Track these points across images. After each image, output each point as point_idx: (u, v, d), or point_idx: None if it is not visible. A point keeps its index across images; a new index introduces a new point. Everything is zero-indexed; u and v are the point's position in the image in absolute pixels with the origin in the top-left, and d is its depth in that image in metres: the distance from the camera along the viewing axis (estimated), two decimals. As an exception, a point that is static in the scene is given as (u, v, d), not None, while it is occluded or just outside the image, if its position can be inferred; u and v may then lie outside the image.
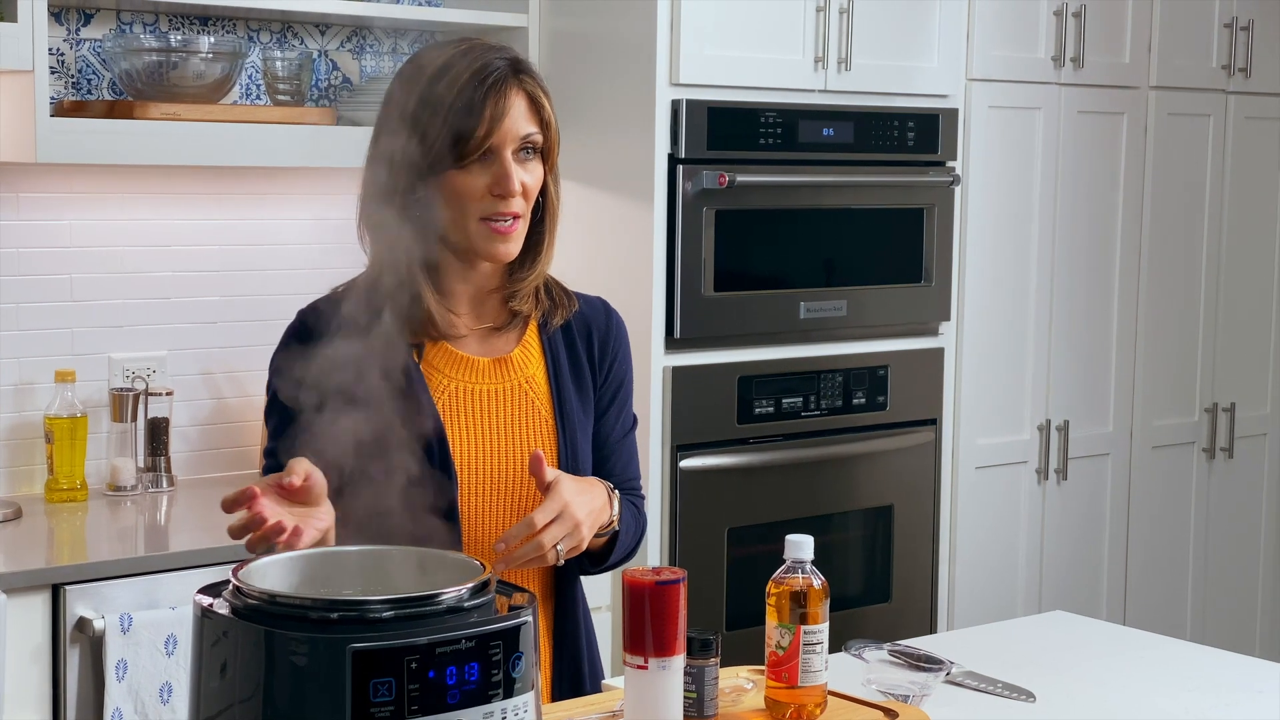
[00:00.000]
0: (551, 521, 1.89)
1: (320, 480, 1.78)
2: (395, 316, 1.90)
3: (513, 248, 2.00)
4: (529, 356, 2.07)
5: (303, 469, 1.76)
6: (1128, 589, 4.37)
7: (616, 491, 2.04)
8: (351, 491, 1.81)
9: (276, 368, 2.00)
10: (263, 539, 1.72)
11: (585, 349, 2.11)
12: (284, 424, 1.92)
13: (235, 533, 1.74)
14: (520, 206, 1.98)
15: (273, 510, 1.72)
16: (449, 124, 1.93)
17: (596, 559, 2.07)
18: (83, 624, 2.76)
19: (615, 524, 2.02)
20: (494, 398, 2.03)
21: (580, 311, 2.13)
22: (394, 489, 1.81)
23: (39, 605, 2.74)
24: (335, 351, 1.83)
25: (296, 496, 1.75)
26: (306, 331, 1.97)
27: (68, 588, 2.76)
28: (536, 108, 1.99)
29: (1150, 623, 4.26)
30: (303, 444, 1.81)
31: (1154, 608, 4.39)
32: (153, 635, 2.79)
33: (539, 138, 1.99)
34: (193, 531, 3.17)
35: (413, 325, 1.98)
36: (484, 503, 1.99)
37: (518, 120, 1.97)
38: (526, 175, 1.98)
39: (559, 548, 1.90)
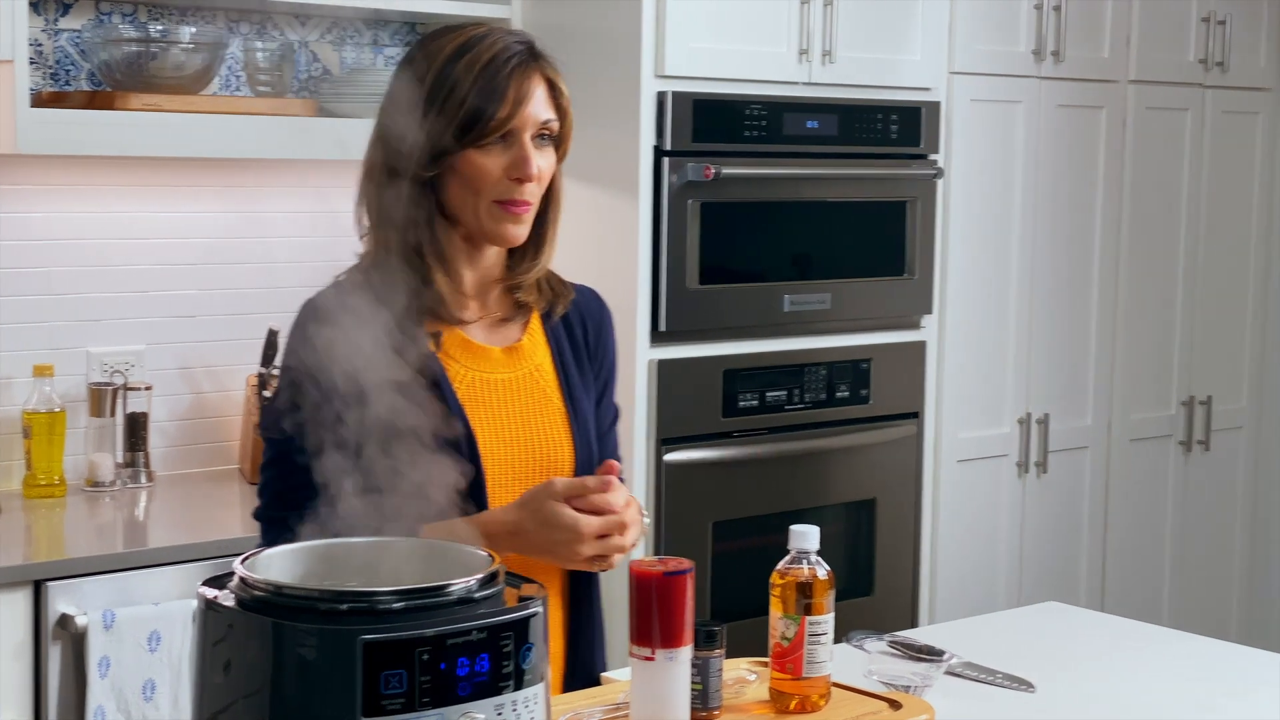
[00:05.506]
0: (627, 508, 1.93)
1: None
2: (408, 301, 1.87)
3: (523, 230, 1.98)
4: (535, 345, 2.06)
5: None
6: (1106, 580, 4.38)
7: (648, 517, 2.04)
8: (382, 482, 1.77)
9: (290, 361, 1.93)
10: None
11: (583, 338, 2.11)
12: (305, 419, 1.83)
13: (593, 540, 1.88)
14: (534, 193, 1.97)
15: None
16: (470, 103, 1.90)
17: None
18: (65, 621, 2.72)
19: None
20: (509, 387, 2.01)
21: (575, 301, 2.11)
22: (427, 480, 1.77)
23: (20, 602, 2.71)
24: (354, 341, 1.79)
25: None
26: (326, 319, 1.88)
27: (49, 584, 2.72)
28: (555, 94, 1.99)
29: (1128, 613, 4.26)
30: (329, 439, 1.76)
31: (1132, 598, 4.41)
32: (135, 632, 2.76)
33: (556, 124, 1.99)
34: (172, 527, 3.14)
35: (425, 310, 1.95)
36: (507, 493, 1.97)
37: (539, 105, 1.96)
38: (542, 161, 1.97)
39: (613, 559, 1.94)
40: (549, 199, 2.03)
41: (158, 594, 2.82)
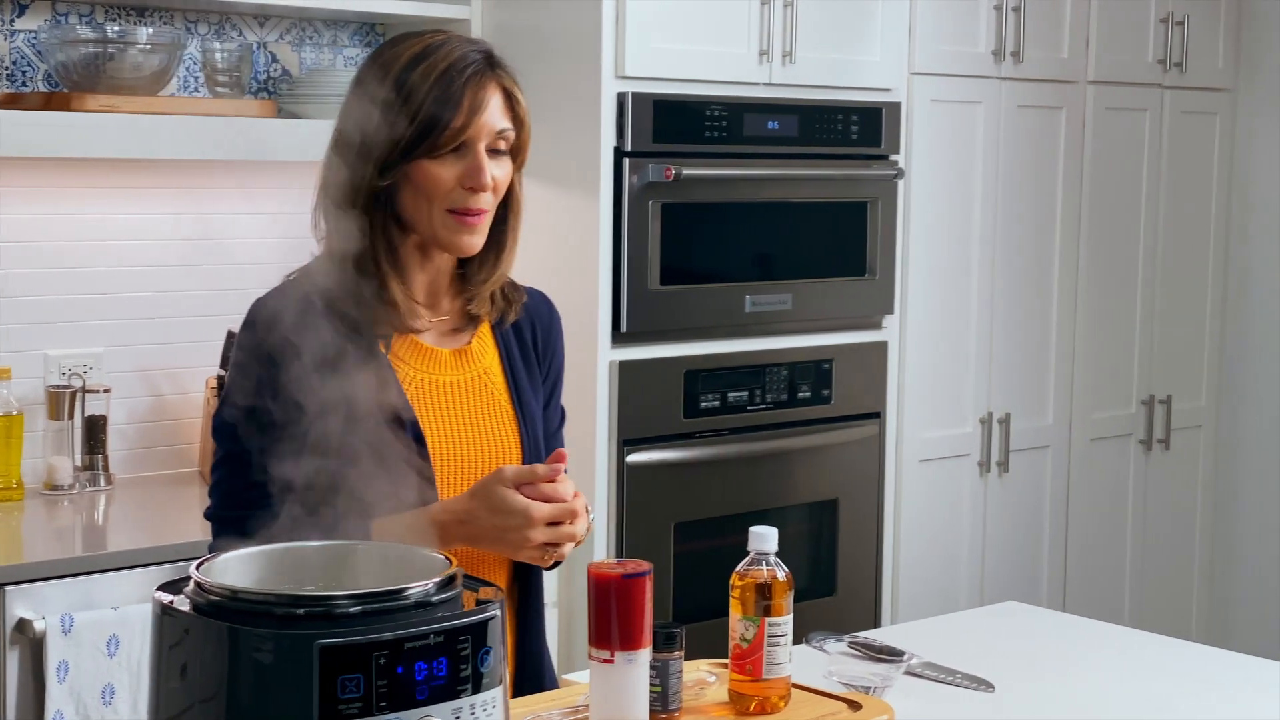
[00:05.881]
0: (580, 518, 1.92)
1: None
2: (360, 306, 1.87)
3: (477, 240, 1.97)
4: (485, 348, 2.06)
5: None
6: (1067, 579, 4.40)
7: (592, 514, 2.02)
8: (334, 486, 1.77)
9: (241, 360, 1.93)
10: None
11: (532, 340, 2.10)
12: (257, 418, 1.86)
13: (544, 527, 1.86)
14: (489, 202, 1.96)
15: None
16: (424, 112, 1.90)
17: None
18: (23, 625, 2.70)
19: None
20: (458, 389, 2.01)
21: (525, 304, 2.11)
22: (378, 482, 1.78)
23: (-23, 606, 2.69)
24: (306, 341, 1.79)
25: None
26: (273, 320, 1.90)
27: (7, 588, 2.70)
28: (512, 103, 1.98)
29: (1089, 611, 4.29)
30: (282, 438, 1.78)
31: (1093, 597, 4.43)
32: (94, 636, 2.74)
33: (512, 134, 1.98)
34: (132, 531, 3.12)
35: (377, 315, 1.95)
36: (456, 493, 1.97)
37: (494, 114, 1.95)
38: (498, 170, 1.96)
39: (563, 548, 1.92)
40: (508, 208, 2.02)
41: (117, 598, 2.80)
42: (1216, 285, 4.72)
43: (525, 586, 2.05)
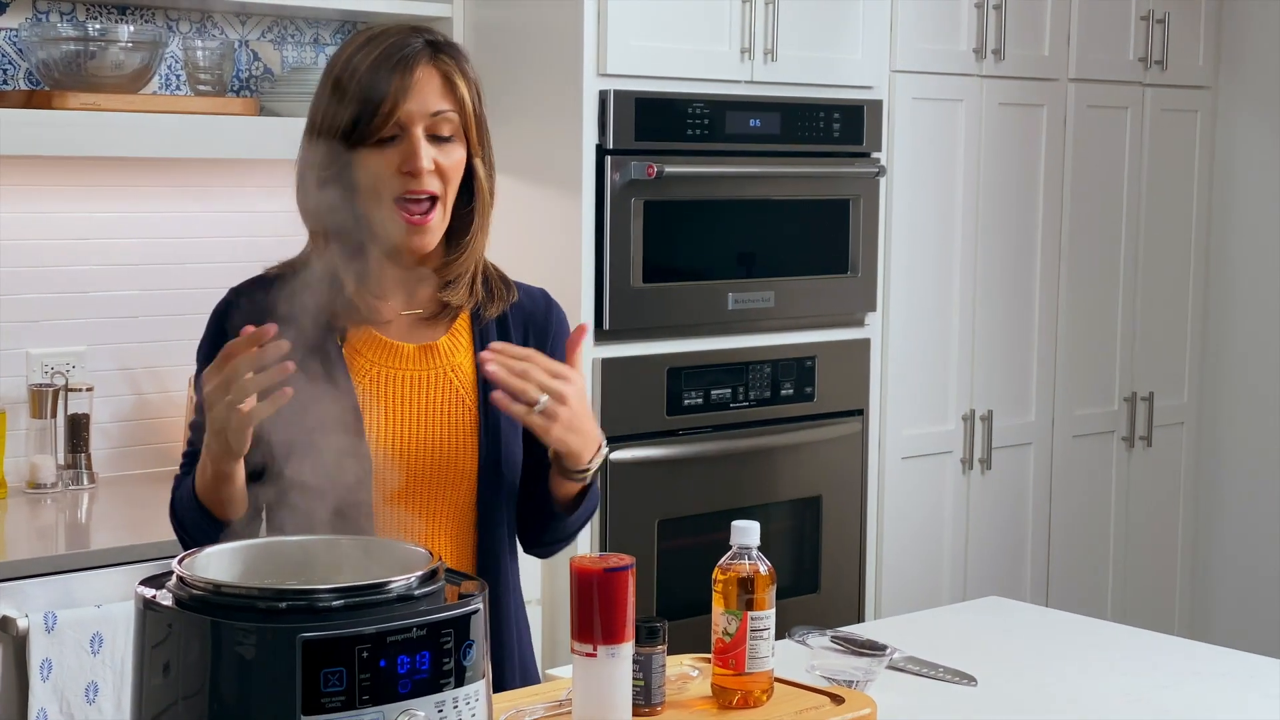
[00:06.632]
0: (554, 376, 1.88)
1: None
2: (320, 299, 1.89)
3: (428, 240, 1.97)
4: (457, 344, 2.05)
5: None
6: (1050, 575, 4.42)
7: (605, 447, 2.00)
8: (273, 471, 1.81)
9: (203, 344, 2.02)
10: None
11: (521, 341, 2.08)
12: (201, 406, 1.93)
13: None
14: (435, 186, 1.95)
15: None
16: (357, 100, 1.92)
17: (569, 506, 2.03)
18: (6, 623, 2.70)
19: (592, 470, 1.97)
20: (416, 383, 2.01)
21: (519, 303, 2.10)
22: (311, 468, 1.80)
23: (-40, 605, 2.68)
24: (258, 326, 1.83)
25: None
26: (233, 310, 1.98)
27: (-11, 587, 2.70)
28: (450, 86, 1.96)
29: (1072, 607, 4.29)
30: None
31: (1076, 593, 4.44)
32: (77, 634, 2.74)
33: (453, 116, 1.96)
34: (115, 529, 3.12)
35: (337, 310, 1.96)
36: (401, 490, 1.97)
37: (427, 97, 1.94)
38: (442, 156, 1.95)
39: (544, 399, 1.86)
40: (474, 196, 2.01)
41: (100, 596, 2.80)
42: (1198, 282, 4.73)
43: (494, 580, 2.03)
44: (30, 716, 2.70)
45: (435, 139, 1.95)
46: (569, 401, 1.89)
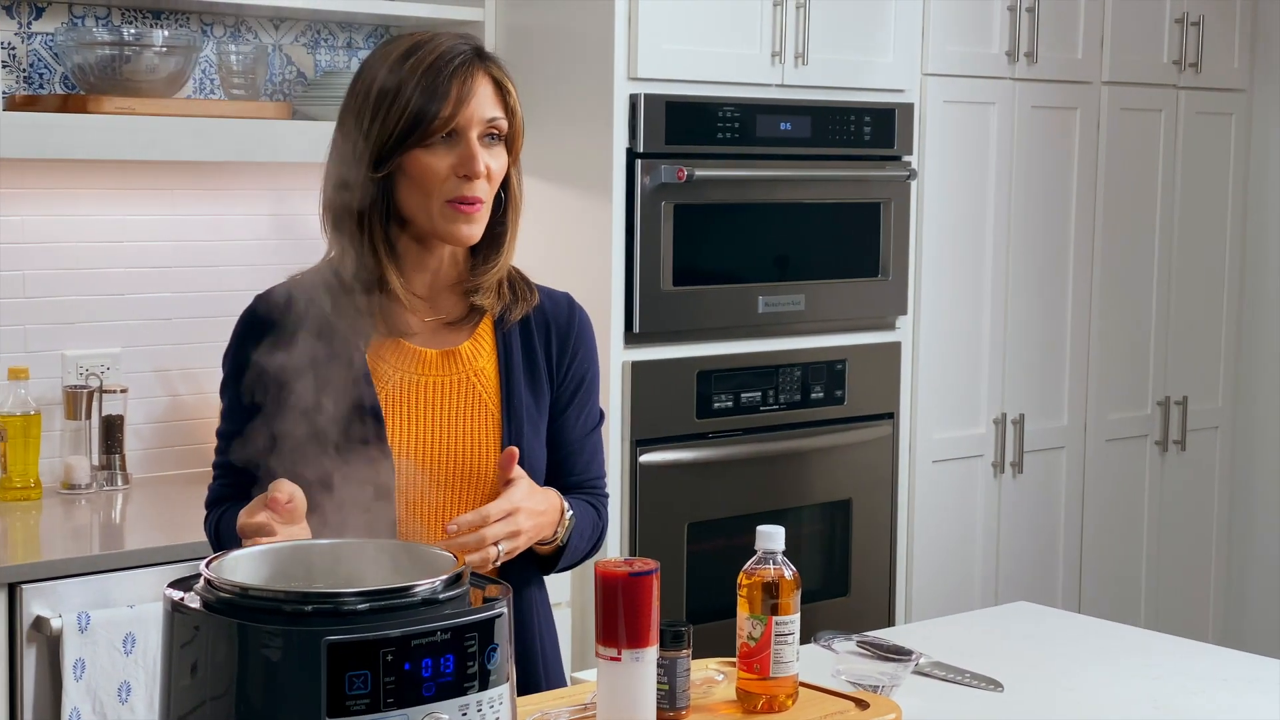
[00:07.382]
0: (501, 519, 1.92)
1: (302, 501, 1.83)
2: (348, 306, 1.91)
3: (476, 230, 2.00)
4: (480, 349, 2.06)
5: (287, 489, 1.82)
6: (1082, 580, 4.40)
7: (571, 512, 2.04)
8: (296, 476, 1.84)
9: (228, 352, 2.06)
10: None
11: (543, 345, 2.09)
12: (234, 409, 2.01)
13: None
14: (484, 190, 1.98)
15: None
16: (413, 103, 1.93)
17: (543, 564, 2.08)
18: (40, 623, 2.72)
19: (559, 542, 2.03)
20: (439, 389, 2.03)
21: (541, 306, 2.11)
22: (334, 473, 1.83)
23: (-5, 604, 2.71)
24: (280, 340, 1.87)
25: (280, 513, 1.82)
26: (257, 319, 2.01)
27: (25, 587, 2.72)
28: (502, 93, 2.00)
29: (1105, 613, 4.28)
30: (251, 429, 1.89)
31: (1109, 598, 4.42)
32: (110, 634, 2.76)
33: (504, 123, 2.00)
34: (148, 530, 3.14)
35: (370, 312, 1.98)
36: (420, 490, 1.99)
37: (483, 103, 1.97)
38: (491, 160, 1.98)
39: (500, 546, 1.92)
40: (506, 200, 2.05)
41: (133, 596, 2.82)
42: (1232, 285, 4.71)
43: (518, 584, 2.04)
44: (63, 716, 2.72)
45: (485, 143, 1.98)
46: (522, 529, 1.94)
